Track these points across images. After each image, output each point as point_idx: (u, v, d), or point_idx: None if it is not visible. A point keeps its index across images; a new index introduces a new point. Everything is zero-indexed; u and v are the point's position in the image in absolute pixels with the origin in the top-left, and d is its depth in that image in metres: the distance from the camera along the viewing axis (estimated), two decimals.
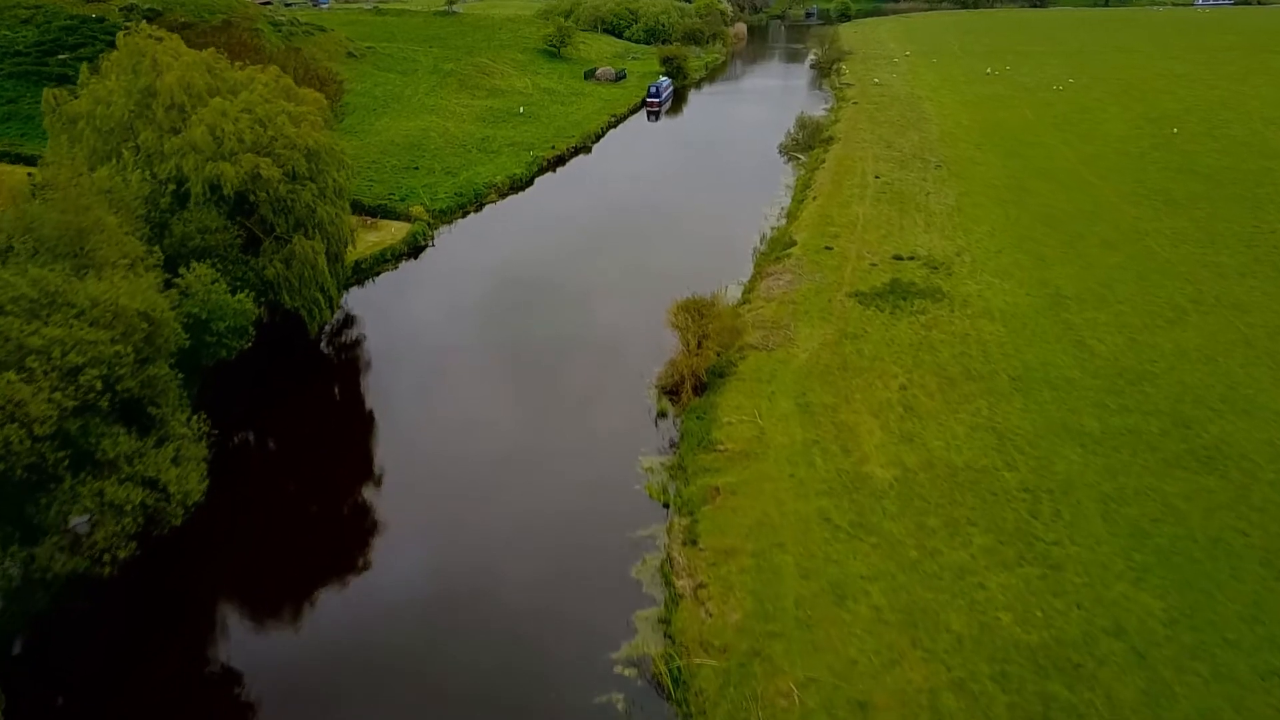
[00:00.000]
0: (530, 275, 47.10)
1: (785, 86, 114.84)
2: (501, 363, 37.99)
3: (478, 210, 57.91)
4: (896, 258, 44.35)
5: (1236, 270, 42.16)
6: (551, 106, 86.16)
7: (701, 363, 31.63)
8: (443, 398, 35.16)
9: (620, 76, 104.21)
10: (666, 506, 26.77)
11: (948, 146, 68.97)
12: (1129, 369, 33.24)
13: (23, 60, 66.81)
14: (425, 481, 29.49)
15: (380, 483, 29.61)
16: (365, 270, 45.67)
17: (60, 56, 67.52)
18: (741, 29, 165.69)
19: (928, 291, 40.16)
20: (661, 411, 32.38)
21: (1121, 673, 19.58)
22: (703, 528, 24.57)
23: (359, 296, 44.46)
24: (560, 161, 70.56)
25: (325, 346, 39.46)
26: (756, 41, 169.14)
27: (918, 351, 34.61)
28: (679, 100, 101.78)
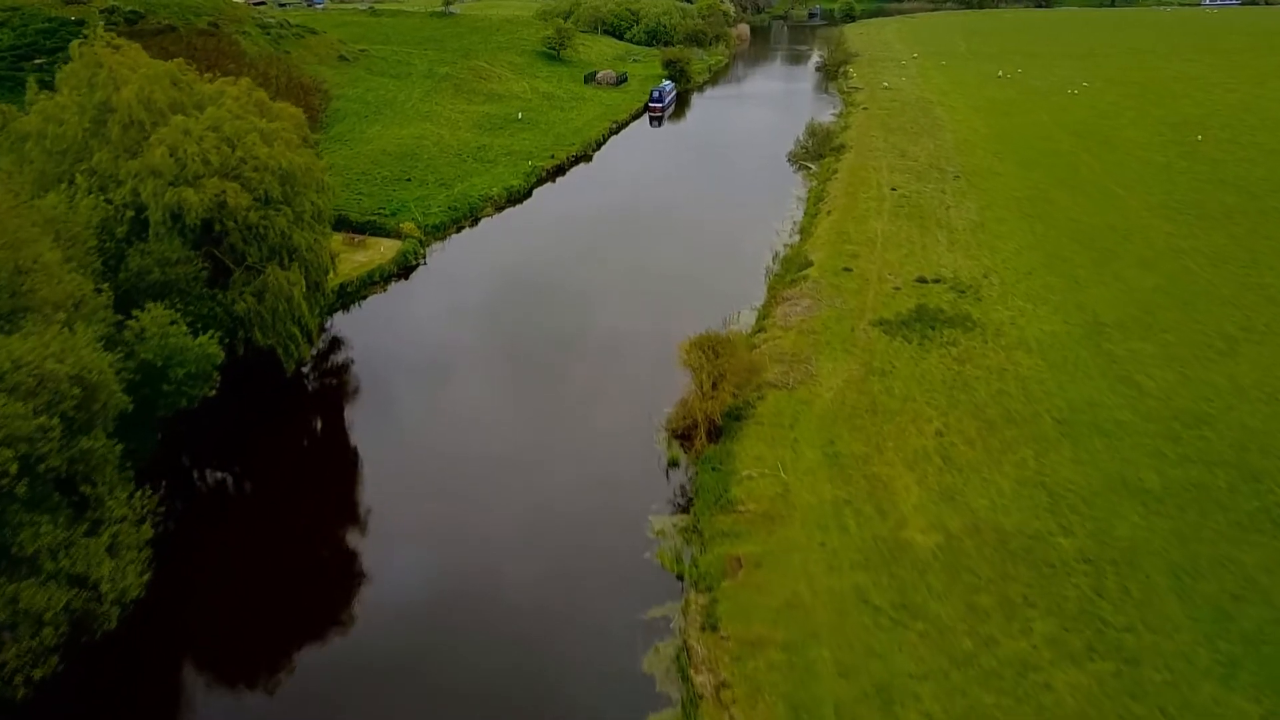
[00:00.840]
0: (528, 298, 44.05)
1: (790, 90, 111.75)
2: (496, 401, 34.85)
3: (473, 225, 54.78)
4: (920, 280, 41.38)
5: None
6: (551, 112, 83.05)
7: (717, 406, 28.66)
8: (433, 439, 32.16)
9: (622, 80, 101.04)
10: (681, 578, 23.76)
11: (964, 155, 66.00)
12: (1184, 410, 30.32)
13: None
14: (408, 545, 26.42)
15: (358, 545, 26.56)
16: (351, 294, 42.48)
17: (37, 61, 64.58)
18: (744, 30, 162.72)
19: (957, 319, 37.21)
20: (673, 460, 29.34)
21: None
22: (724, 609, 21.59)
23: (344, 322, 41.40)
24: (560, 171, 67.37)
25: (306, 379, 36.37)
26: (759, 42, 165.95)
27: (952, 390, 31.66)
28: (682, 104, 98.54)
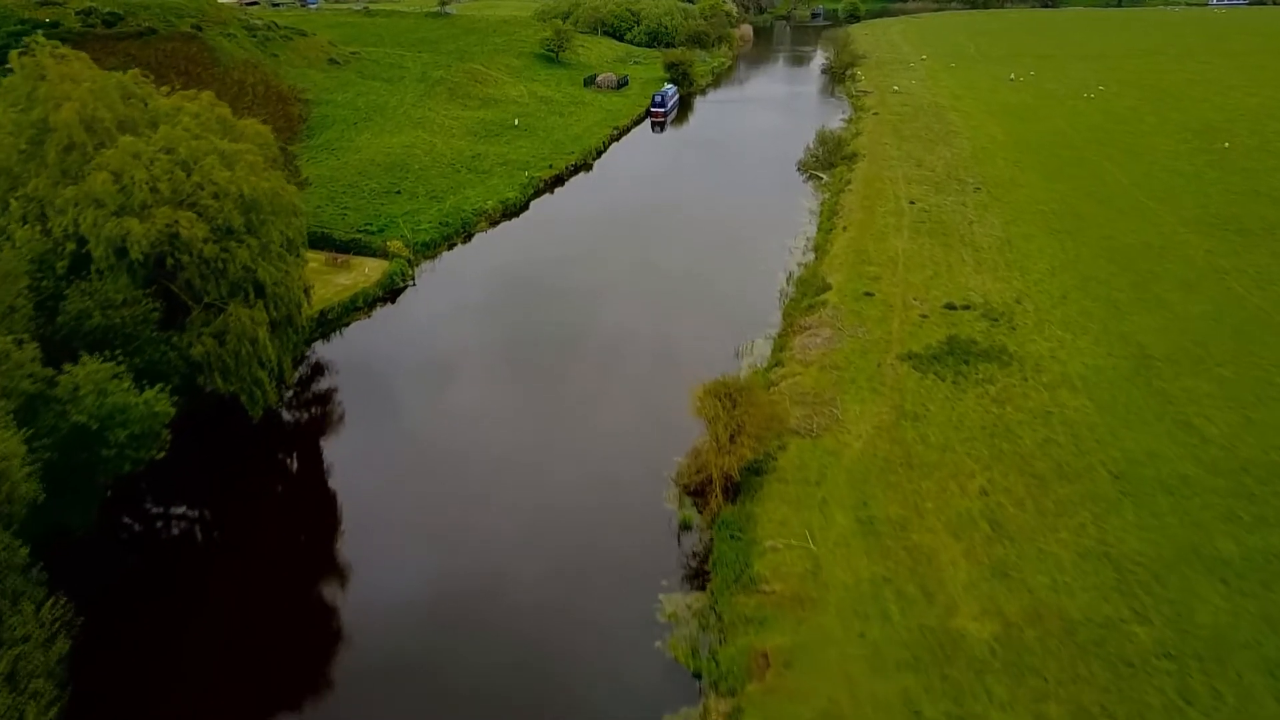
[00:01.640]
0: (524, 323, 40.83)
1: (796, 93, 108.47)
2: (486, 449, 31.12)
3: (466, 241, 51.54)
4: (949, 306, 38.16)
5: None
6: (549, 118, 79.78)
7: (735, 461, 25.46)
8: (416, 489, 28.93)
9: (622, 83, 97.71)
10: (698, 676, 20.56)
11: (983, 164, 62.77)
12: (1253, 461, 27.15)
13: None
14: (377, 626, 23.27)
15: (330, 615, 23.43)
16: (333, 321, 39.20)
17: (7, 65, 61.12)
18: (747, 30, 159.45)
19: (992, 353, 34.03)
20: (685, 523, 26.07)
21: None
22: None
23: (325, 352, 38.16)
24: (559, 181, 64.03)
25: (279, 419, 33.13)
26: (762, 43, 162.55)
27: (993, 438, 28.47)
28: (685, 109, 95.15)
